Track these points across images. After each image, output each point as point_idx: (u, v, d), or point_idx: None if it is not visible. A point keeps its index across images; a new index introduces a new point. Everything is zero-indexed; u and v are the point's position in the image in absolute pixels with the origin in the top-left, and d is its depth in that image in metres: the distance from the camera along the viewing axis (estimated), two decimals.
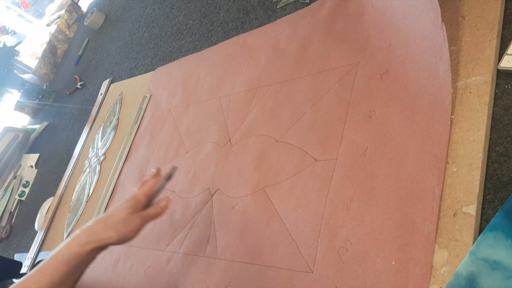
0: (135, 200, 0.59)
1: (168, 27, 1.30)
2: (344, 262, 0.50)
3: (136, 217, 0.57)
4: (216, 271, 0.65)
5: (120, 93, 1.27)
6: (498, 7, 0.52)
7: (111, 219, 0.56)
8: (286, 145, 0.67)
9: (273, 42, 0.82)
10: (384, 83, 0.58)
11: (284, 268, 0.56)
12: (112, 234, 0.55)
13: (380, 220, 0.49)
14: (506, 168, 0.44)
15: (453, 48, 0.54)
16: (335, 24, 0.71)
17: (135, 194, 0.60)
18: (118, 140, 1.12)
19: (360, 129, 0.57)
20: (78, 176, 1.21)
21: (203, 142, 0.84)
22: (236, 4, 1.04)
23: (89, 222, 0.58)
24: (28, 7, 3.89)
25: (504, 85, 0.48)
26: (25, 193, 1.50)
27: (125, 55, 1.45)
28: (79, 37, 2.01)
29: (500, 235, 0.40)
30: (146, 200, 0.60)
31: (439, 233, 0.44)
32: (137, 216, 0.57)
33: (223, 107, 0.85)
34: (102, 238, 0.55)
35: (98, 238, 0.55)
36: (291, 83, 0.73)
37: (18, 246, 1.33)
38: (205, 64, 0.98)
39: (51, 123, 1.74)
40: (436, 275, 0.43)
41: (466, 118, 0.48)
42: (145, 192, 0.60)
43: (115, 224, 0.56)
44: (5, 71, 1.81)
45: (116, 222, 0.56)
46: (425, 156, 0.48)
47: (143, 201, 0.60)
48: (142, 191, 0.60)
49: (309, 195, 0.59)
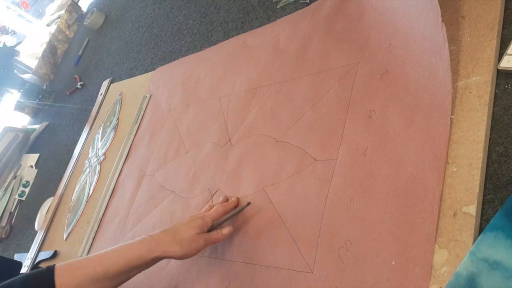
0: (203, 222, 0.61)
1: (168, 27, 1.30)
2: (344, 262, 0.50)
3: (201, 238, 0.60)
4: (216, 271, 0.65)
5: (120, 93, 1.27)
6: (498, 7, 0.52)
7: (180, 234, 0.59)
8: (286, 145, 0.67)
9: (273, 42, 0.82)
10: (384, 83, 0.58)
11: (284, 268, 0.56)
12: (178, 248, 0.58)
13: (380, 220, 0.49)
14: (506, 168, 0.44)
15: (453, 48, 0.54)
16: (335, 24, 0.71)
17: (204, 216, 0.62)
18: (118, 140, 1.12)
19: (360, 129, 0.57)
20: (78, 176, 1.21)
21: (203, 142, 0.84)
22: (236, 4, 1.04)
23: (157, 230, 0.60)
24: (28, 7, 3.89)
25: (504, 85, 0.48)
26: (25, 193, 1.50)
27: (125, 55, 1.45)
28: (79, 37, 2.01)
29: (500, 235, 0.40)
30: (212, 223, 0.63)
31: (439, 233, 0.44)
32: (201, 237, 0.60)
33: (223, 107, 0.85)
34: (169, 250, 0.57)
35: (165, 250, 0.57)
36: (291, 83, 0.73)
37: (18, 246, 1.33)
38: (205, 64, 0.98)
39: (51, 123, 1.74)
40: (436, 275, 0.43)
41: (466, 118, 0.48)
42: (213, 216, 0.63)
43: (183, 241, 0.58)
44: (5, 71, 1.81)
45: (184, 239, 0.58)
46: (425, 156, 0.48)
47: (210, 224, 0.62)
48: (210, 215, 0.63)
49: (309, 195, 0.59)
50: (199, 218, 0.61)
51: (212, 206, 0.66)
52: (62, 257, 1.04)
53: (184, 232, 0.59)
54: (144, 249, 0.57)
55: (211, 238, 0.62)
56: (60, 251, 1.06)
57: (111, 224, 0.93)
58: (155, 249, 0.57)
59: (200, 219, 0.61)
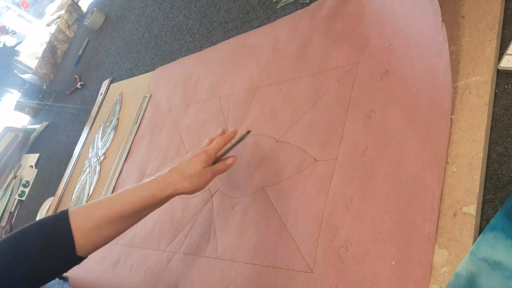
0: (207, 156, 0.62)
1: (168, 27, 1.30)
2: (344, 262, 0.50)
3: (208, 170, 0.62)
4: (216, 271, 0.65)
5: (120, 93, 1.27)
6: (498, 7, 0.52)
7: (188, 170, 0.60)
8: (286, 145, 0.67)
9: (273, 42, 0.82)
10: (384, 83, 0.58)
11: (284, 268, 0.56)
12: (188, 184, 0.60)
13: (380, 220, 0.49)
14: (506, 168, 0.44)
15: (453, 48, 0.54)
16: (335, 24, 0.71)
17: (206, 149, 0.63)
18: (118, 140, 1.12)
19: (360, 129, 0.57)
20: (78, 176, 1.21)
21: (203, 142, 0.84)
22: (236, 4, 1.04)
23: (164, 170, 0.61)
24: (28, 7, 3.89)
25: (504, 85, 0.48)
26: (25, 193, 1.50)
27: (125, 55, 1.45)
28: (79, 37, 2.01)
29: (500, 235, 0.40)
30: (215, 156, 0.64)
31: (439, 233, 0.44)
32: (208, 169, 0.62)
33: (223, 107, 0.85)
34: (179, 187, 0.59)
35: (176, 187, 0.59)
36: (291, 83, 0.73)
37: None
38: (205, 64, 0.98)
39: (51, 123, 1.74)
40: (436, 275, 0.43)
41: (466, 118, 0.48)
42: (215, 149, 0.64)
43: (191, 176, 0.60)
44: (5, 71, 1.81)
45: (192, 174, 0.60)
46: (425, 156, 0.48)
47: (213, 157, 0.63)
48: (212, 148, 0.64)
49: (309, 195, 0.59)
50: (203, 153, 0.62)
51: (212, 139, 0.67)
52: None
53: (191, 168, 0.60)
54: (156, 188, 0.58)
55: (217, 169, 0.63)
56: None
57: None
58: (166, 188, 0.59)
59: (204, 153, 0.62)
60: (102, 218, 0.55)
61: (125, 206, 0.56)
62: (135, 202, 0.57)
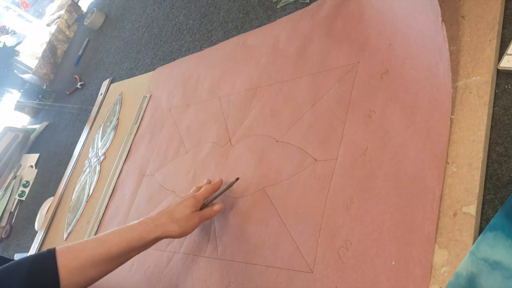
0: (196, 200, 0.64)
1: (168, 27, 1.30)
2: (344, 262, 0.50)
3: (195, 215, 0.63)
4: (216, 271, 0.65)
5: (120, 93, 1.27)
6: (498, 7, 0.52)
7: (176, 214, 0.62)
8: (286, 145, 0.67)
9: (273, 42, 0.82)
10: (384, 83, 0.58)
11: (284, 268, 0.56)
12: (176, 228, 0.61)
13: (380, 220, 0.49)
14: (506, 168, 0.44)
15: (453, 48, 0.54)
16: (335, 24, 0.71)
17: (195, 195, 0.65)
18: (118, 140, 1.12)
19: (360, 129, 0.57)
20: (78, 176, 1.21)
21: (203, 142, 0.84)
22: (236, 4, 1.04)
23: (153, 212, 0.63)
24: (28, 7, 3.88)
25: (504, 85, 0.48)
26: (25, 193, 1.50)
27: (125, 55, 1.45)
28: (79, 37, 2.01)
29: (500, 235, 0.40)
30: (203, 201, 0.66)
31: (439, 233, 0.44)
32: (196, 215, 0.63)
33: (223, 107, 0.85)
34: (167, 230, 0.60)
35: (164, 229, 0.60)
36: (291, 83, 0.73)
37: (18, 246, 1.33)
38: (205, 64, 0.98)
39: (51, 123, 1.74)
40: (436, 275, 0.43)
41: (466, 118, 0.48)
42: (204, 195, 0.67)
43: (179, 220, 0.61)
44: (5, 71, 1.81)
45: (180, 218, 0.62)
46: (425, 156, 0.48)
47: (201, 202, 0.66)
48: (201, 193, 0.66)
49: (309, 195, 0.59)
50: (191, 198, 0.64)
51: (199, 187, 0.69)
52: None
53: (180, 212, 0.62)
54: (144, 231, 0.59)
55: (204, 215, 0.65)
56: None
57: (111, 224, 0.94)
58: (154, 230, 0.59)
59: (192, 198, 0.64)
60: (88, 258, 0.55)
61: (111, 247, 0.57)
62: (121, 244, 0.58)
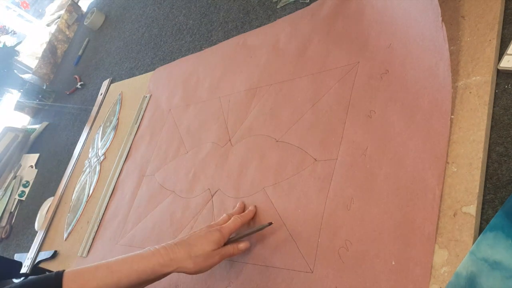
0: (221, 236, 0.58)
1: (168, 27, 1.30)
2: (344, 262, 0.50)
3: (216, 254, 0.57)
4: (216, 271, 0.65)
5: (120, 93, 1.27)
6: (498, 7, 0.52)
7: (196, 250, 0.56)
8: (286, 145, 0.67)
9: (273, 42, 0.82)
10: (384, 83, 0.58)
11: (284, 268, 0.56)
12: (192, 265, 0.56)
13: (380, 220, 0.49)
14: (506, 168, 0.44)
15: (453, 48, 0.54)
16: (335, 24, 0.71)
17: (222, 228, 0.59)
18: (118, 140, 1.12)
19: (360, 129, 0.57)
20: (78, 176, 1.21)
21: (203, 142, 0.84)
22: (236, 4, 1.04)
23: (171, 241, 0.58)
24: (28, 7, 3.88)
25: (504, 85, 0.48)
26: (25, 193, 1.50)
27: (125, 55, 1.45)
28: (79, 37, 2.01)
29: (500, 235, 0.40)
30: (229, 236, 0.60)
31: (439, 233, 0.44)
32: (217, 253, 0.58)
33: (223, 107, 0.85)
34: (182, 266, 0.56)
35: (178, 265, 0.56)
36: (291, 83, 0.73)
37: (18, 246, 1.33)
38: (205, 64, 0.98)
39: (51, 123, 1.74)
40: (436, 275, 0.43)
41: (466, 118, 0.48)
42: (231, 229, 0.60)
43: (198, 257, 0.56)
44: (5, 71, 1.81)
45: (199, 255, 0.56)
46: (425, 156, 0.48)
47: (226, 238, 0.59)
48: (228, 227, 0.60)
49: (309, 195, 0.59)
50: (217, 231, 0.58)
51: (230, 216, 0.63)
52: (62, 257, 1.04)
53: (201, 247, 0.56)
54: (157, 263, 0.55)
55: (226, 254, 0.59)
56: (60, 251, 1.05)
57: (111, 224, 0.93)
58: (168, 264, 0.55)
59: (218, 233, 0.58)
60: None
61: (121, 279, 0.53)
62: (132, 277, 0.54)
